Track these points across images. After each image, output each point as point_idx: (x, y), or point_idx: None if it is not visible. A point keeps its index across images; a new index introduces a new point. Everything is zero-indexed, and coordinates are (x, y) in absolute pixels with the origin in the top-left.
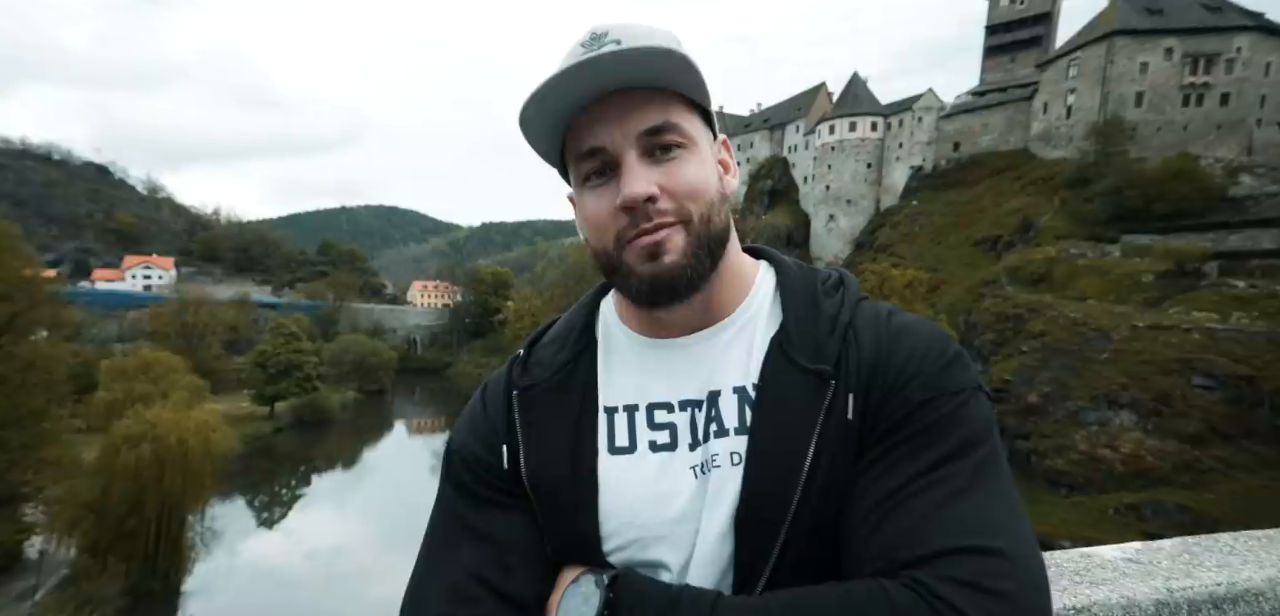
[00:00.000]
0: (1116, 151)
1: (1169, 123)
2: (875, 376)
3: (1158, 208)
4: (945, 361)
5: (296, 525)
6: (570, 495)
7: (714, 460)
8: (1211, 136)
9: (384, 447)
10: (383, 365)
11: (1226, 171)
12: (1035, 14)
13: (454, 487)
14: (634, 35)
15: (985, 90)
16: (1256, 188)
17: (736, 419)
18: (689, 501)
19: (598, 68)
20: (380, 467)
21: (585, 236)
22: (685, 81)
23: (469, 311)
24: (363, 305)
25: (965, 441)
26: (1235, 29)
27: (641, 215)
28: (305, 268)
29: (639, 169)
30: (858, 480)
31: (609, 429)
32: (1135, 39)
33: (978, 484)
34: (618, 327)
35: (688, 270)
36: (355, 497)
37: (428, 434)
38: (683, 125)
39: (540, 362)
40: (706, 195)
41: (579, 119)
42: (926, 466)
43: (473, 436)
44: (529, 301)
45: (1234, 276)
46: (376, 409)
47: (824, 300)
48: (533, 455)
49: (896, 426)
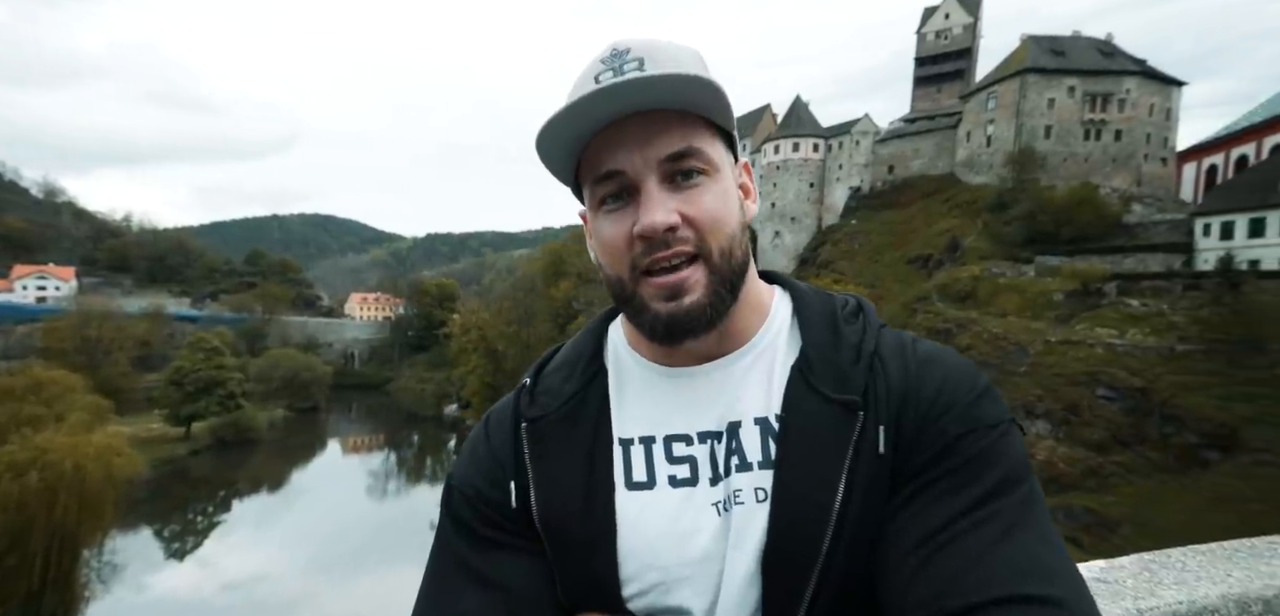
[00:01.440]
0: (1030, 179)
1: (1073, 154)
2: (906, 407)
3: (1065, 232)
4: (978, 393)
5: (213, 554)
6: (585, 534)
7: (737, 496)
8: (1108, 168)
9: (316, 468)
10: (316, 381)
11: (1121, 200)
12: (958, 49)
13: (455, 527)
14: (658, 57)
15: (916, 118)
16: (1145, 216)
17: (759, 452)
18: (712, 540)
19: (620, 94)
20: (311, 489)
21: (598, 260)
22: (711, 106)
23: (412, 324)
24: (295, 318)
25: (1007, 478)
26: (1125, 72)
27: (659, 244)
28: (231, 278)
29: (659, 196)
30: (893, 518)
31: (625, 462)
32: (1043, 77)
33: (1024, 524)
34: (628, 355)
35: (708, 309)
36: (282, 522)
37: (365, 452)
38: (706, 151)
39: (548, 392)
40: (728, 226)
41: (596, 139)
42: (968, 504)
43: (476, 471)
44: (476, 314)
45: (1129, 296)
46: (309, 427)
47: (845, 327)
48: (544, 491)
49: (933, 461)
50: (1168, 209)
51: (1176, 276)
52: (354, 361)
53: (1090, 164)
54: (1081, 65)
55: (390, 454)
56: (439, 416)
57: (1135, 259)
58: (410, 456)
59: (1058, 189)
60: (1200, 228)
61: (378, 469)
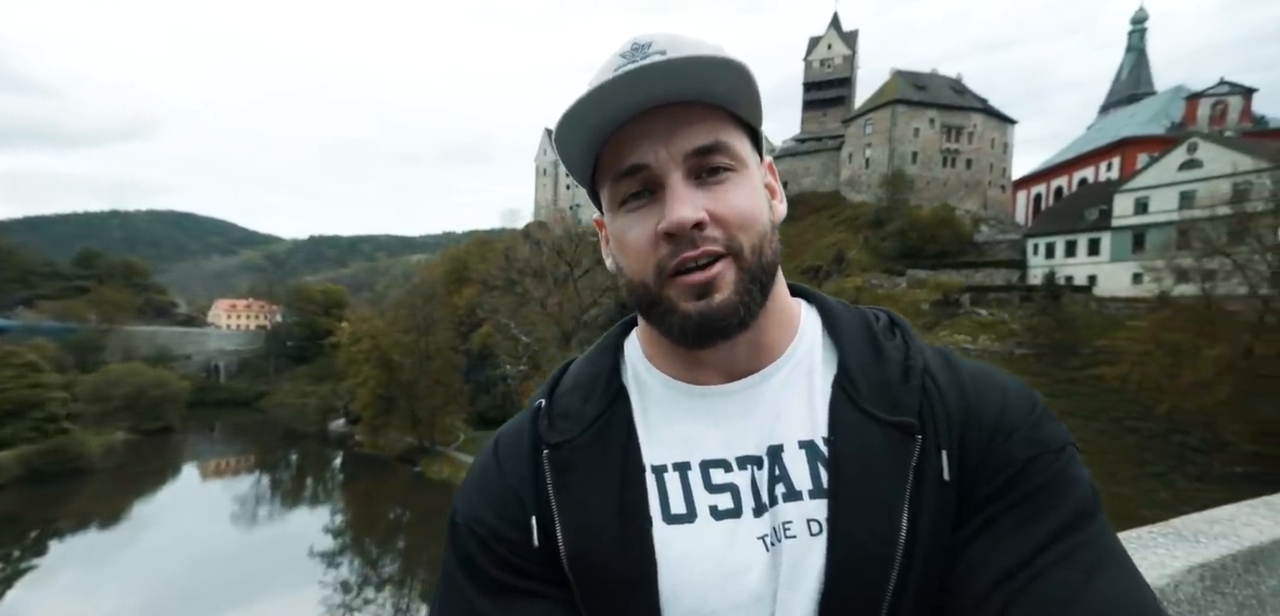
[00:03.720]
0: (901, 199)
1: (935, 178)
2: (968, 430)
3: (930, 248)
4: (1039, 413)
5: (17, 605)
6: (623, 575)
7: (787, 528)
8: (962, 192)
9: (165, 497)
10: (169, 398)
11: (972, 221)
12: (839, 77)
13: (465, 571)
14: (680, 45)
15: (805, 138)
16: (991, 235)
17: (809, 479)
18: (761, 579)
19: (646, 78)
20: (158, 522)
21: (617, 265)
22: (740, 96)
23: (291, 333)
24: (143, 327)
25: (1083, 507)
26: (972, 109)
27: (686, 243)
28: (53, 282)
29: (685, 192)
30: (964, 551)
31: (661, 492)
32: (909, 108)
33: (1111, 561)
34: (650, 373)
35: (739, 308)
36: (116, 562)
37: (230, 475)
38: (733, 145)
39: (567, 415)
40: (758, 224)
41: (618, 135)
42: (1048, 537)
43: (488, 507)
44: (369, 322)
45: (980, 306)
46: (158, 451)
47: (885, 342)
48: (572, 528)
49: (1003, 489)
50: (1007, 230)
51: (1014, 289)
52: (219, 375)
53: (948, 188)
54: (939, 100)
55: (262, 476)
56: (323, 432)
57: (984, 273)
58: (287, 478)
59: (923, 209)
60: (1031, 247)
61: (246, 493)
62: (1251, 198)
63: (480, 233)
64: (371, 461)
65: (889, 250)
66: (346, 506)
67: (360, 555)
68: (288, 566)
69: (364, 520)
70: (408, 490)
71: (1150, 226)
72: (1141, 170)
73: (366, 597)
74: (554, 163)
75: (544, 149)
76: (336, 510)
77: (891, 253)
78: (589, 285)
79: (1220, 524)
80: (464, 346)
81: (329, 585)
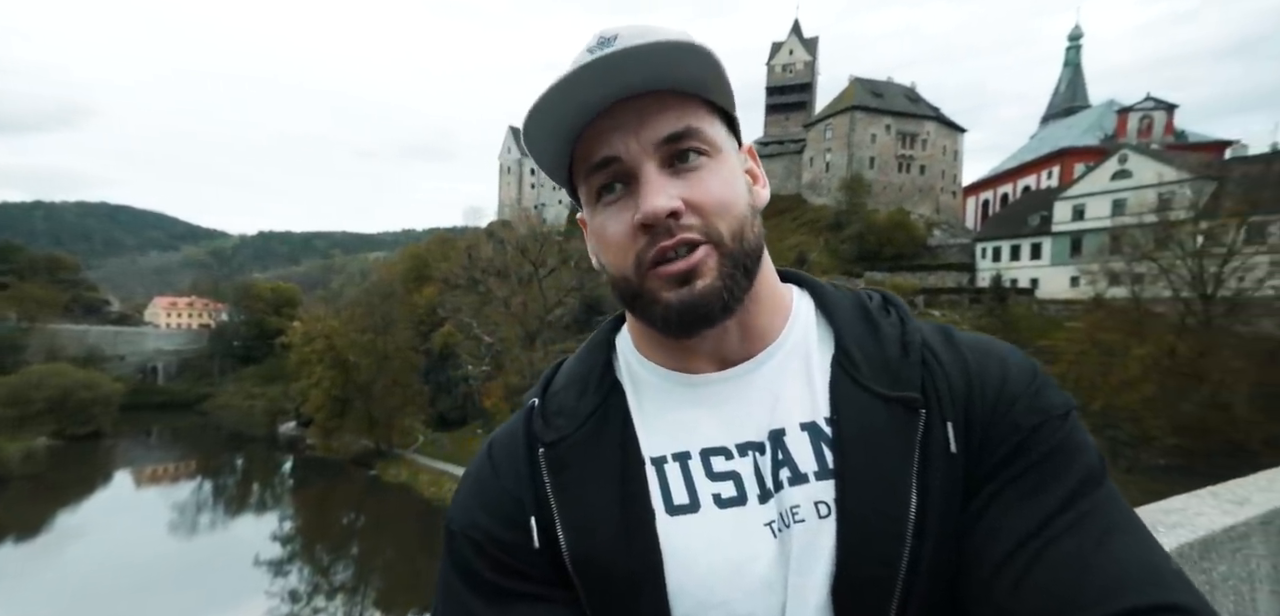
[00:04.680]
0: (859, 202)
1: (891, 183)
2: (972, 401)
3: (887, 250)
4: (1040, 380)
5: None
6: (628, 571)
7: (794, 512)
8: (916, 197)
9: (93, 507)
10: (99, 401)
11: (926, 225)
12: (800, 83)
13: (463, 579)
14: (646, 34)
15: (768, 142)
16: (943, 239)
17: (814, 461)
18: (770, 567)
19: (608, 67)
20: (84, 533)
21: (600, 261)
22: (709, 81)
23: (238, 333)
24: (71, 326)
25: (1090, 472)
26: (925, 117)
27: (663, 232)
28: None
29: (658, 181)
30: (975, 523)
31: (662, 483)
32: (867, 115)
33: (1123, 524)
34: (642, 366)
35: (722, 293)
36: (35, 577)
37: (168, 482)
38: (706, 131)
39: (562, 412)
40: (735, 209)
41: (589, 129)
42: (1058, 504)
43: (484, 510)
44: (323, 321)
45: (933, 307)
46: (87, 457)
47: (881, 320)
48: (573, 526)
49: (1009, 458)
50: (958, 234)
51: (964, 291)
52: (157, 376)
53: (903, 192)
54: (895, 107)
55: (204, 482)
56: (272, 436)
57: (936, 276)
58: (232, 483)
59: (880, 213)
60: (980, 251)
61: (186, 501)
62: (1174, 207)
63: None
64: (324, 465)
65: (848, 253)
66: (296, 512)
67: (310, 562)
68: (231, 577)
69: (315, 526)
70: (363, 494)
71: (1086, 232)
72: (1078, 179)
73: (316, 606)
74: (518, 161)
75: (508, 147)
76: (285, 516)
77: (850, 255)
78: (554, 285)
79: (1175, 514)
80: (424, 346)
81: (276, 595)
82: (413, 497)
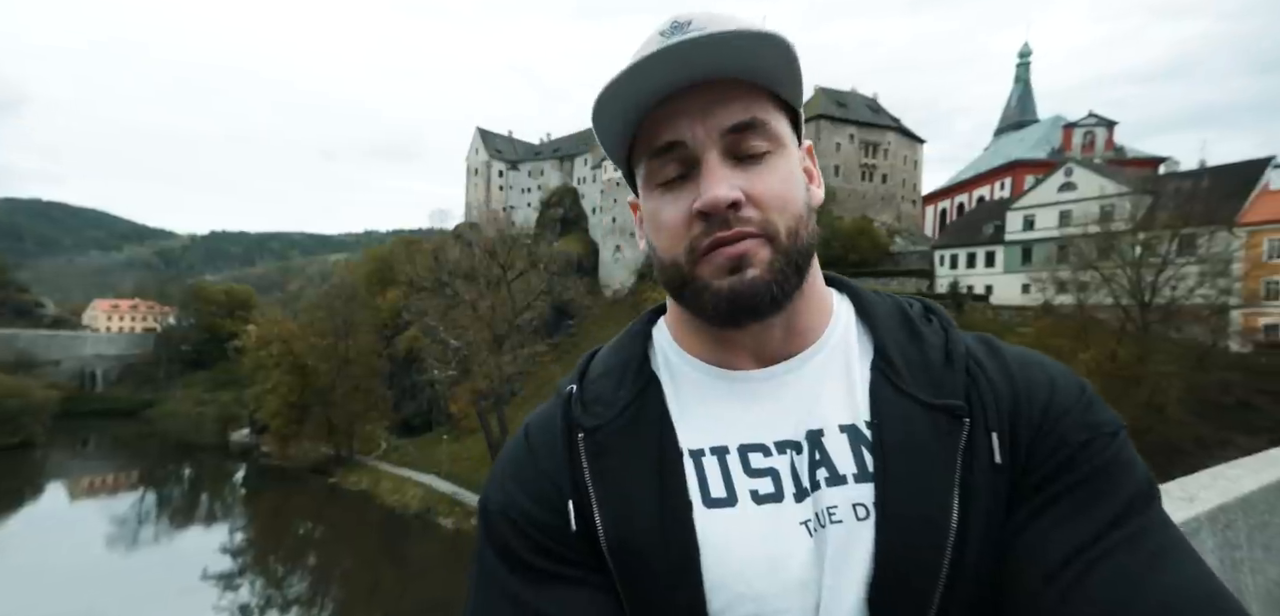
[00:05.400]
0: (824, 210)
1: (855, 191)
2: (1018, 413)
3: (851, 257)
4: (1088, 396)
5: None
6: (664, 560)
7: (831, 513)
8: (879, 205)
9: (23, 521)
10: (30, 409)
11: (888, 233)
12: None
13: (501, 558)
14: (721, 22)
15: None
16: (904, 246)
17: (853, 463)
18: (805, 565)
19: (686, 53)
20: (10, 546)
21: (650, 245)
22: (781, 75)
23: (186, 337)
24: None
25: (1140, 489)
26: (886, 127)
27: (720, 222)
28: None
29: (721, 171)
30: (1021, 535)
31: (699, 476)
32: (831, 124)
33: (1173, 545)
34: (681, 358)
35: (773, 286)
36: None
37: (107, 494)
38: (771, 124)
39: (600, 400)
40: (793, 206)
41: (655, 112)
42: (1109, 521)
43: (522, 492)
44: (279, 325)
45: None
46: (14, 469)
47: (923, 327)
48: (612, 512)
49: (1057, 472)
50: (919, 242)
51: (926, 297)
52: (95, 383)
53: (866, 200)
54: (858, 117)
55: (147, 494)
56: (223, 444)
57: (898, 282)
58: (178, 494)
59: (845, 220)
60: (938, 258)
61: (126, 514)
62: (1115, 218)
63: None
64: (280, 473)
65: None
66: (249, 523)
67: (263, 575)
68: (175, 592)
69: (269, 537)
70: (321, 503)
71: (1036, 241)
72: (1028, 190)
73: None
74: (486, 163)
75: (475, 148)
76: (237, 527)
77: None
78: (523, 288)
79: None
80: (387, 351)
81: (225, 609)
82: (374, 506)
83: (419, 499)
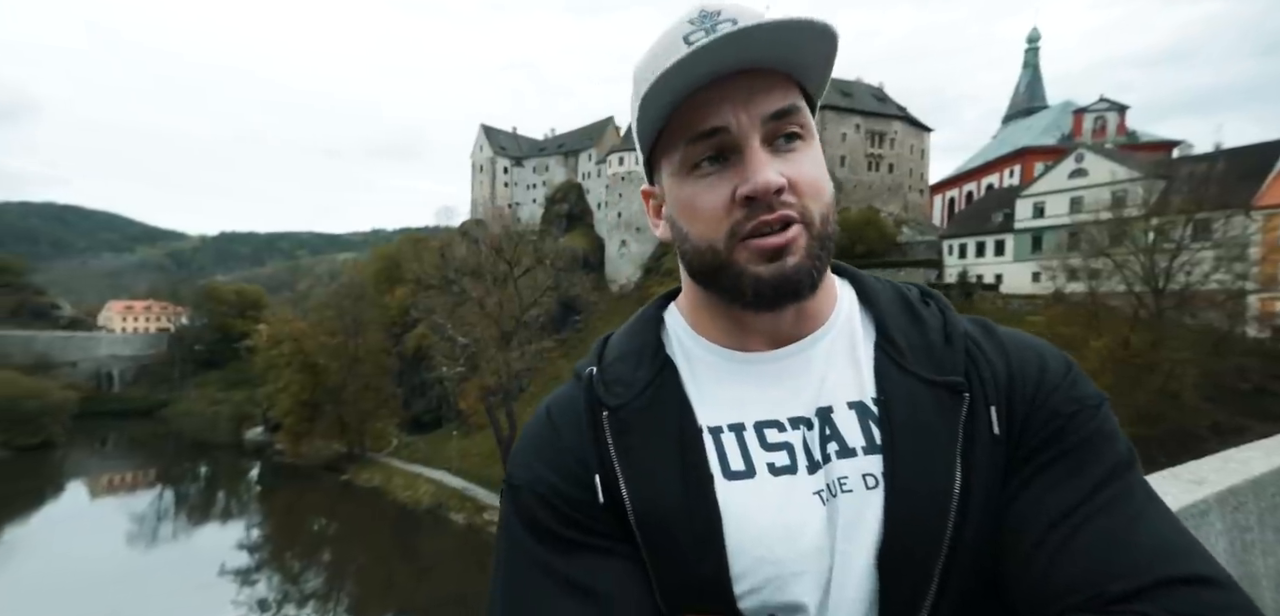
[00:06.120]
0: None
1: (861, 182)
2: (1014, 388)
3: (858, 249)
4: (1074, 372)
5: None
6: (689, 530)
7: (842, 483)
8: (885, 195)
9: (44, 518)
10: (49, 410)
11: (895, 223)
12: None
13: (530, 530)
14: (749, 15)
15: None
16: (912, 236)
17: (861, 437)
18: (819, 532)
19: (737, 44)
20: (33, 546)
21: (679, 231)
22: (816, 67)
23: (199, 337)
24: (18, 332)
25: (1122, 457)
26: (892, 116)
27: (764, 207)
28: None
29: (764, 156)
30: (1015, 501)
31: (719, 451)
32: (836, 114)
33: (1150, 502)
34: (695, 342)
35: (812, 272)
36: None
37: (125, 492)
38: (804, 113)
39: (620, 381)
40: (827, 194)
41: (694, 98)
42: (1093, 485)
43: (550, 467)
44: (290, 324)
45: None
46: (36, 469)
47: (922, 310)
48: (637, 485)
49: (1048, 442)
50: (926, 232)
51: (933, 287)
52: (112, 383)
53: (873, 190)
54: (864, 107)
55: (164, 492)
56: (238, 442)
57: (905, 273)
58: (194, 492)
59: (851, 211)
60: (946, 248)
61: (145, 511)
62: (1127, 204)
63: (413, 231)
64: (294, 471)
65: None
66: (265, 519)
67: (280, 570)
68: (195, 587)
69: (285, 533)
70: (335, 499)
71: (1046, 229)
72: (1038, 177)
73: (287, 614)
74: (491, 159)
75: (480, 145)
76: (253, 524)
77: None
78: (530, 284)
79: None
80: (396, 349)
81: (243, 604)
82: (386, 502)
83: (430, 495)
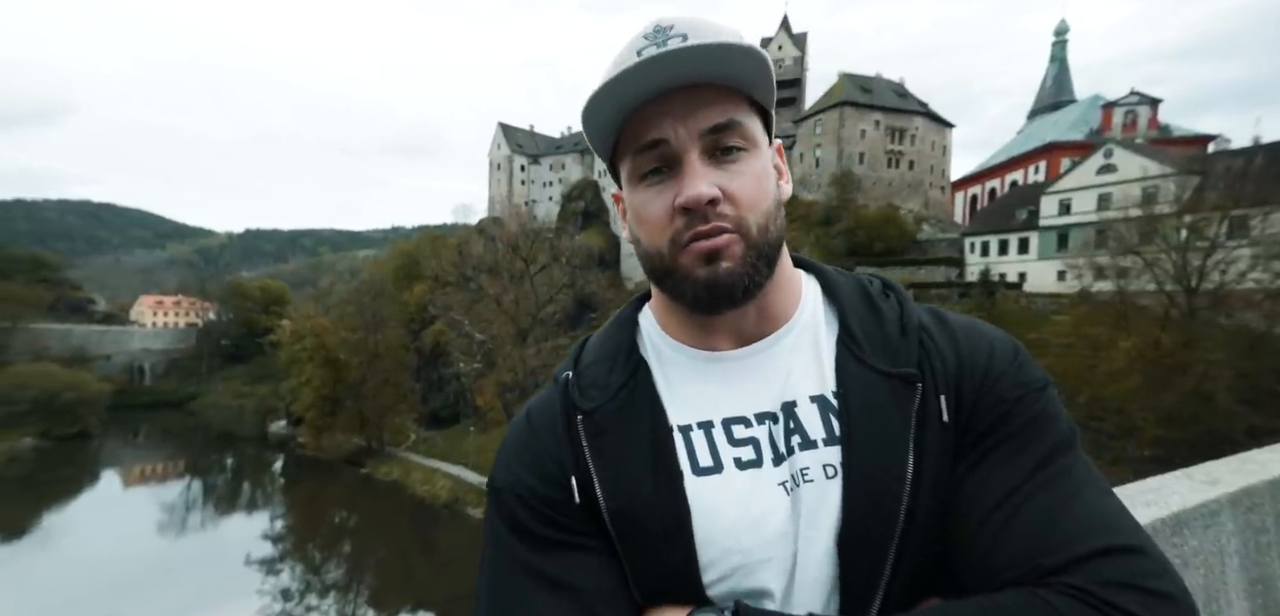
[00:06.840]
0: (849, 198)
1: (880, 179)
2: (963, 376)
3: (877, 246)
4: (1021, 357)
5: None
6: (660, 525)
7: (805, 473)
8: (905, 192)
9: (82, 506)
10: (86, 401)
11: (915, 220)
12: (790, 78)
13: (512, 531)
14: (702, 31)
15: None
16: (932, 234)
17: (822, 429)
18: (783, 521)
19: (671, 62)
20: (71, 532)
21: (634, 236)
22: (757, 80)
23: (226, 332)
24: (54, 325)
25: (1063, 437)
26: (914, 112)
27: (699, 218)
28: None
29: (701, 168)
30: (962, 484)
31: (688, 448)
32: (856, 110)
33: (1088, 479)
34: (665, 343)
35: (745, 278)
36: (22, 577)
37: (156, 482)
38: (746, 126)
39: (594, 385)
40: (764, 203)
41: (640, 111)
42: (1034, 464)
43: (528, 470)
44: (312, 320)
45: (920, 302)
46: (73, 458)
47: (882, 303)
48: (611, 485)
49: (994, 426)
50: (947, 229)
51: (953, 286)
52: (143, 376)
53: (893, 188)
54: (883, 103)
55: (193, 482)
56: (262, 435)
57: (925, 271)
58: (222, 483)
59: (870, 209)
60: (968, 246)
61: (175, 501)
62: (1159, 201)
63: (431, 228)
64: (315, 464)
65: (838, 248)
66: (288, 511)
67: (302, 561)
68: (222, 576)
69: (307, 525)
70: (355, 493)
71: (1072, 227)
72: (1064, 173)
73: (309, 605)
74: (508, 157)
75: (498, 143)
76: (277, 515)
77: (840, 250)
78: (546, 282)
79: (1150, 492)
80: (415, 344)
81: (268, 593)
82: (405, 496)
83: (448, 490)
